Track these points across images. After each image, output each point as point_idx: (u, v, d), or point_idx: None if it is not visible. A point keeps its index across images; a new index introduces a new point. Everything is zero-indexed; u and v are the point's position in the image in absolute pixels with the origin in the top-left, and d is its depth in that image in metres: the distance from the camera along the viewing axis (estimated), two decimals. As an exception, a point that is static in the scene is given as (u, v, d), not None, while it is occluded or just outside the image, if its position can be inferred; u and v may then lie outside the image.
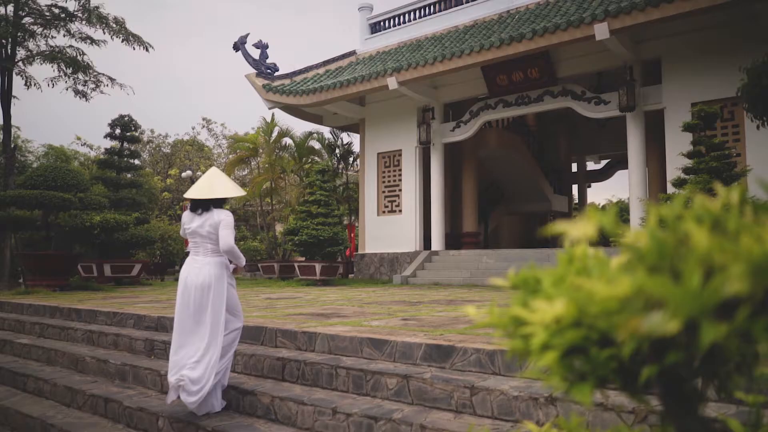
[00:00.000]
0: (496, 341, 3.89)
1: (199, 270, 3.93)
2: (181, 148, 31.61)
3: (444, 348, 3.83)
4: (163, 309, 7.06)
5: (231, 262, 4.11)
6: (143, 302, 8.34)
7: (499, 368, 3.57)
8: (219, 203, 4.05)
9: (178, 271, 17.65)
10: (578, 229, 0.63)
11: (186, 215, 4.08)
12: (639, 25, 10.61)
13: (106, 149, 15.88)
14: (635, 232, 0.60)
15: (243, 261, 4.14)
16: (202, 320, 3.91)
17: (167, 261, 19.96)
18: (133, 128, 15.75)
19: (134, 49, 16.07)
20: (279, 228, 22.38)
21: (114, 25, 15.77)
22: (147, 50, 16.41)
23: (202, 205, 3.97)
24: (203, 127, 32.40)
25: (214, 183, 4.05)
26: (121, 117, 15.57)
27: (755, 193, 9.56)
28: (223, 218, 3.93)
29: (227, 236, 3.90)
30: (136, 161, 16.52)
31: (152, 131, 31.71)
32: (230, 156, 29.80)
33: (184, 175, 27.55)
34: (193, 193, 4.00)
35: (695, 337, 0.50)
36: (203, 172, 29.55)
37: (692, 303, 0.48)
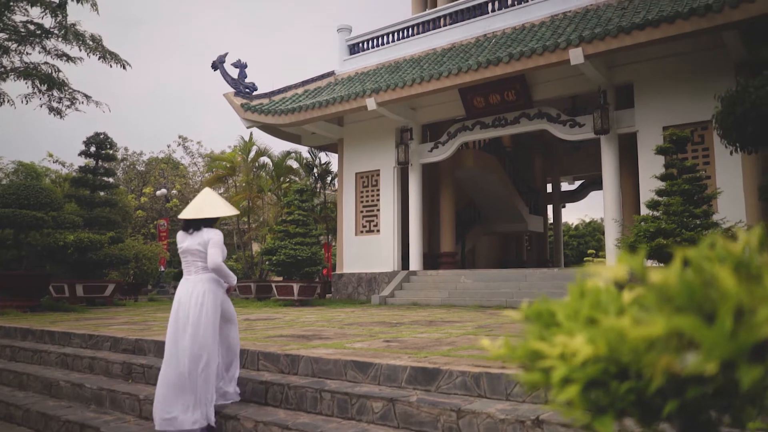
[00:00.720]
0: (482, 364, 3.91)
1: (192, 289, 4.01)
2: (155, 166, 31.26)
3: (429, 371, 3.83)
4: (140, 331, 6.93)
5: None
6: (118, 324, 8.18)
7: (485, 391, 3.58)
8: (210, 222, 4.15)
9: (152, 292, 17.30)
10: (610, 271, 0.66)
11: (179, 235, 4.20)
12: (612, 50, 10.90)
13: (80, 167, 15.63)
14: (660, 273, 0.63)
15: (233, 279, 4.22)
16: (194, 336, 3.92)
17: (141, 281, 19.62)
18: (108, 146, 15.55)
19: (111, 66, 15.92)
20: (256, 247, 22.21)
21: (91, 43, 15.62)
22: (124, 68, 16.27)
23: (193, 225, 4.09)
24: (179, 145, 32.07)
25: (205, 203, 4.17)
26: (97, 134, 15.37)
27: (725, 214, 9.85)
28: (212, 237, 4.03)
29: (215, 255, 3.99)
30: (111, 180, 16.28)
31: (126, 149, 31.33)
32: (206, 174, 29.57)
33: (158, 193, 27.26)
34: (186, 213, 4.12)
35: (729, 376, 0.53)
36: (178, 191, 29.35)
37: (728, 346, 0.51)
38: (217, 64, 16.43)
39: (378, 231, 15.83)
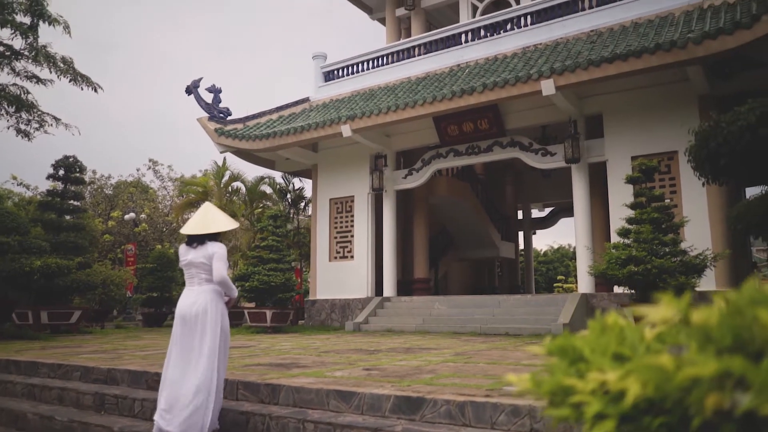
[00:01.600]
0: (466, 392, 3.92)
1: (195, 299, 4.15)
2: (124, 189, 30.77)
3: (413, 400, 3.82)
4: (112, 360, 6.75)
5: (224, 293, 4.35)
6: (87, 352, 7.96)
7: (470, 420, 3.59)
8: (213, 237, 4.31)
9: (118, 318, 16.91)
10: (658, 313, 0.69)
11: (182, 248, 4.34)
12: (582, 82, 11.23)
13: (47, 190, 15.30)
14: (703, 314, 0.66)
15: (235, 293, 4.39)
16: (198, 348, 4.03)
17: (107, 307, 19.14)
18: (78, 169, 15.28)
19: (82, 89, 15.73)
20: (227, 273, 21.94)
21: (62, 65, 15.44)
22: (96, 91, 16.09)
23: (197, 239, 4.25)
24: (149, 168, 31.67)
25: (208, 218, 4.33)
26: (66, 158, 15.10)
27: (692, 242, 10.12)
28: (217, 250, 4.21)
29: (221, 268, 4.17)
30: (79, 203, 15.95)
31: (94, 172, 30.81)
32: (176, 199, 29.21)
33: (126, 217, 26.75)
34: (189, 228, 4.29)
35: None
36: (147, 215, 28.87)
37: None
38: (192, 89, 16.36)
39: (352, 257, 15.79)
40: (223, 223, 4.37)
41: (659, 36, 10.86)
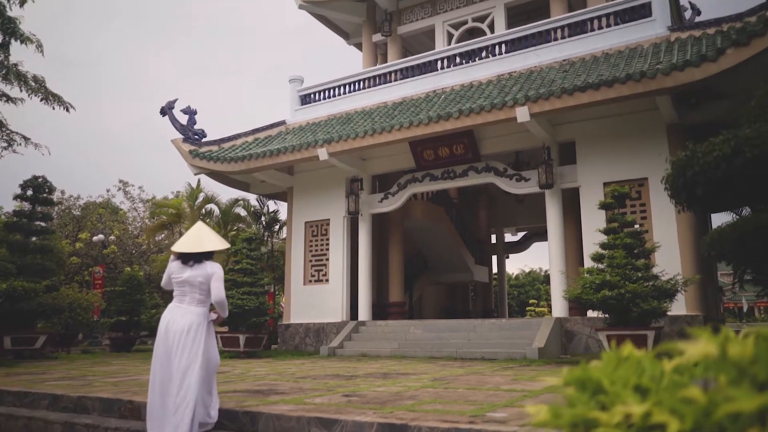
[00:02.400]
0: (449, 419, 3.89)
1: (183, 315, 4.16)
2: (93, 210, 30.15)
3: (398, 427, 3.79)
4: (81, 387, 6.55)
5: (212, 310, 4.39)
6: (55, 379, 7.71)
7: (455, 447, 3.56)
8: (209, 256, 4.37)
9: (84, 343, 16.39)
10: (698, 349, 0.70)
11: (176, 266, 4.34)
12: (556, 110, 11.47)
13: (14, 211, 14.92)
14: (738, 349, 0.68)
15: (227, 313, 4.46)
16: (180, 365, 4.03)
17: (73, 332, 18.60)
18: (47, 190, 14.96)
19: (54, 108, 15.50)
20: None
21: (33, 84, 15.22)
22: (67, 110, 15.89)
23: (193, 258, 4.29)
24: (119, 189, 31.10)
25: (202, 237, 4.39)
26: (35, 178, 14.78)
27: (663, 267, 10.31)
28: (216, 271, 4.28)
29: (220, 289, 4.25)
30: (47, 225, 15.57)
31: (63, 192, 30.18)
32: (147, 221, 28.73)
33: (95, 239, 26.16)
34: (184, 247, 4.32)
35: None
36: (116, 237, 28.29)
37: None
38: (166, 110, 16.25)
39: (327, 281, 15.69)
40: (216, 242, 4.44)
41: (629, 66, 11.19)
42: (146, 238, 24.36)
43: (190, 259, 4.29)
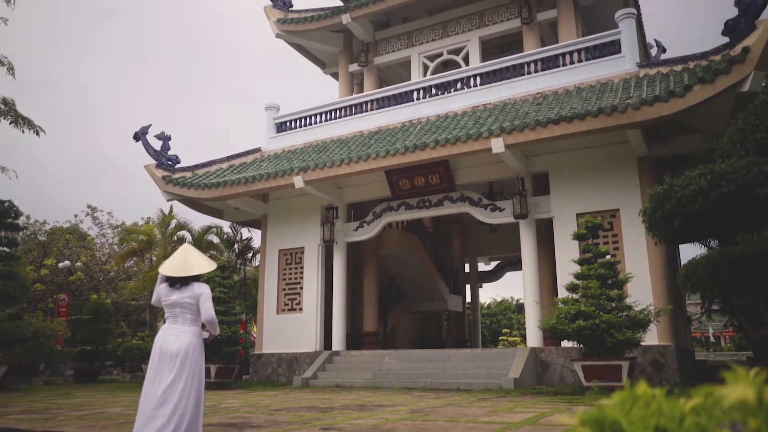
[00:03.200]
0: (432, 453, 3.83)
1: (177, 337, 4.24)
2: (60, 236, 29.45)
3: (379, 462, 3.71)
4: (45, 422, 6.29)
5: (203, 328, 4.48)
6: (17, 413, 7.40)
7: (438, 482, 3.49)
8: (196, 277, 4.46)
9: (46, 374, 15.83)
10: (736, 392, 0.70)
11: (163, 288, 4.43)
12: (530, 141, 11.68)
13: (-23, 237, 14.48)
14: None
15: (218, 331, 4.52)
16: (176, 386, 4.10)
17: (35, 362, 17.96)
18: (12, 215, 14.57)
19: (23, 132, 15.19)
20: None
21: (2, 107, 14.92)
22: (37, 134, 15.57)
23: (179, 281, 4.38)
24: (87, 215, 30.48)
25: (189, 260, 4.46)
26: (0, 202, 14.40)
27: (636, 297, 10.44)
28: (204, 291, 4.37)
29: (210, 309, 4.33)
30: (11, 250, 15.13)
31: (28, 217, 29.44)
32: (115, 247, 28.14)
33: (61, 265, 25.47)
34: (171, 270, 4.40)
35: None
36: (83, 263, 27.61)
37: None
38: (140, 135, 16.08)
39: (300, 309, 15.51)
40: (203, 265, 4.52)
41: (601, 101, 11.49)
42: (115, 264, 23.80)
43: (176, 282, 4.38)
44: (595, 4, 16.81)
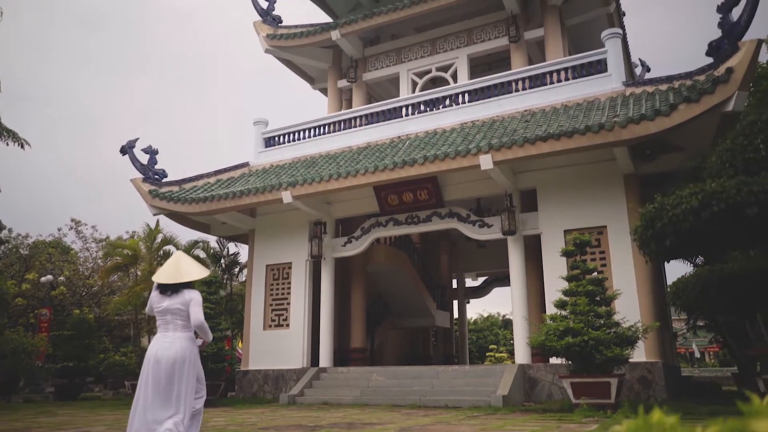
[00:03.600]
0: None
1: (170, 344, 4.28)
2: (42, 250, 29.03)
3: (371, 483, 3.65)
4: (27, 441, 6.14)
5: (197, 336, 4.53)
6: (-3, 432, 7.22)
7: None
8: (187, 284, 4.54)
9: (25, 391, 15.49)
10: (762, 428, 0.68)
11: (155, 296, 4.52)
12: (518, 158, 11.75)
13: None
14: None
15: (210, 337, 4.57)
16: (171, 394, 4.13)
17: (15, 379, 17.59)
18: (-5, 229, 14.34)
19: (8, 145, 15.04)
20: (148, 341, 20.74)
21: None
22: (22, 147, 15.43)
23: (170, 287, 4.46)
24: (71, 228, 30.07)
25: (180, 268, 4.55)
26: (-17, 216, 14.17)
27: (622, 313, 10.48)
28: (194, 297, 4.45)
29: (199, 313, 4.40)
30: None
31: (10, 231, 29.01)
32: (99, 261, 27.77)
33: (43, 279, 25.06)
34: (162, 278, 4.50)
35: None
36: (66, 277, 27.19)
37: None
38: (127, 149, 15.98)
39: (287, 325, 15.38)
40: (196, 271, 4.61)
41: (588, 118, 11.61)
42: (100, 279, 23.50)
43: (167, 288, 4.46)
44: (582, 23, 17.10)
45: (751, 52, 9.99)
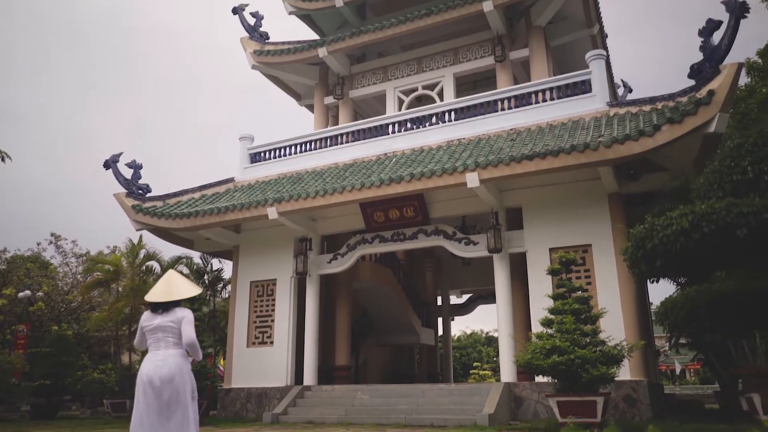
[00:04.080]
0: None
1: (163, 362, 4.33)
2: (21, 264, 28.49)
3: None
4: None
5: (188, 353, 4.57)
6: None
7: None
8: (177, 302, 4.64)
9: (0, 410, 15.08)
10: None
11: (146, 315, 4.59)
12: (504, 176, 11.83)
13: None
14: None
15: (200, 356, 4.67)
16: (171, 413, 4.17)
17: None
18: (-27, 243, 14.05)
19: (-12, 158, 14.80)
20: (133, 357, 20.36)
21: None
22: (2, 160, 15.21)
23: (161, 306, 4.54)
24: (50, 243, 29.58)
25: (172, 286, 4.64)
26: (-39, 230, 13.90)
27: (607, 331, 10.51)
28: (186, 315, 4.55)
29: (191, 331, 4.47)
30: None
31: (-13, 245, 28.49)
32: (79, 276, 27.33)
33: (21, 295, 24.58)
34: (154, 297, 4.59)
35: None
36: (45, 293, 26.69)
37: None
38: (110, 164, 15.84)
39: (271, 343, 15.21)
40: (187, 290, 4.72)
41: (573, 138, 11.74)
42: (80, 294, 23.11)
43: (159, 307, 4.53)
44: (566, 44, 17.40)
45: (732, 75, 10.20)
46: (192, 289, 4.78)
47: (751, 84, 15.23)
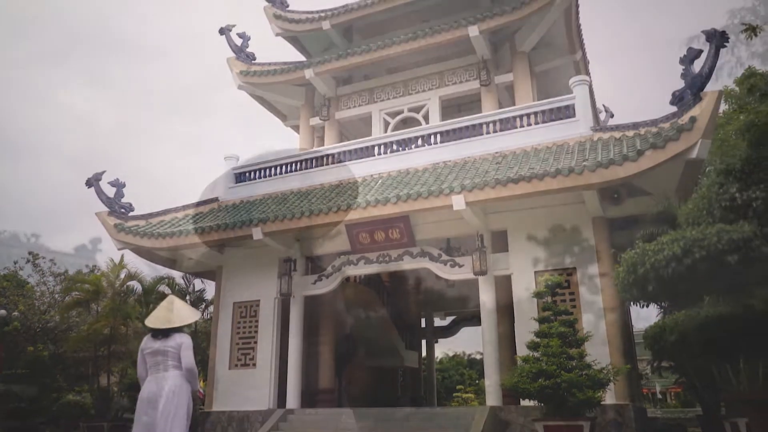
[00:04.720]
0: None
1: (164, 381, 4.53)
2: (-4, 284, 27.86)
3: None
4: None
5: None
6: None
7: None
8: (177, 328, 4.80)
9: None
10: None
11: (146, 339, 4.79)
12: (490, 199, 11.90)
13: None
14: None
15: (197, 385, 4.76)
16: (165, 428, 4.30)
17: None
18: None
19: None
20: (112, 379, 19.90)
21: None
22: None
23: (161, 332, 4.73)
24: (28, 262, 29.03)
25: (173, 313, 4.80)
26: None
27: (592, 355, 10.54)
28: (185, 341, 4.76)
29: (190, 357, 4.69)
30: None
31: (-38, 264, 27.87)
32: (56, 296, 26.81)
33: (-4, 315, 24.04)
34: (155, 323, 4.77)
35: None
36: (21, 312, 26.10)
37: None
38: (92, 182, 15.65)
39: (254, 365, 15.00)
40: (187, 316, 4.88)
41: (558, 162, 11.87)
42: (58, 314, 22.67)
43: (158, 333, 4.71)
44: (549, 69, 17.67)
45: (713, 102, 10.42)
46: (193, 315, 4.97)
47: (728, 111, 15.57)
